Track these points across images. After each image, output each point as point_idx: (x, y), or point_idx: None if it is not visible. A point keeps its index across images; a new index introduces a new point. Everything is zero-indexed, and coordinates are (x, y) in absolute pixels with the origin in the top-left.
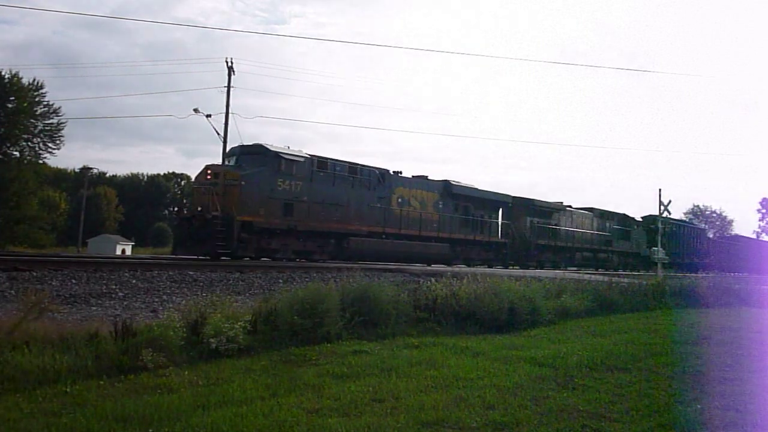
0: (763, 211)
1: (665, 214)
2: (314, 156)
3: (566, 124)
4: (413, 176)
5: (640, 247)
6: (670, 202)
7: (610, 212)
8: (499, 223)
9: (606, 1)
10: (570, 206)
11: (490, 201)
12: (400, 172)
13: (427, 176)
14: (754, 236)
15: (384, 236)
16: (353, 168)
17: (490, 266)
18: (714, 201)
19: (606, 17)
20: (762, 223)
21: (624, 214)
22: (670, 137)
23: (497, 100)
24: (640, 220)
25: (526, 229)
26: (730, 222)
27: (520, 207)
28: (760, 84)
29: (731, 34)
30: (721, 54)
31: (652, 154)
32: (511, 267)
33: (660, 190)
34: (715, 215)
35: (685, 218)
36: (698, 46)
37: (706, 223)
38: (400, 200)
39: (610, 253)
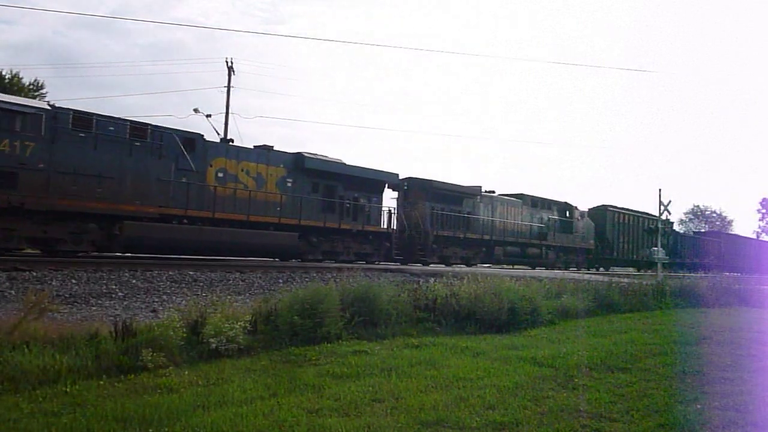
0: (763, 211)
1: (665, 214)
2: (60, 108)
3: (566, 124)
4: (255, 146)
5: (585, 241)
6: (670, 202)
7: (548, 200)
8: (384, 209)
9: (606, 1)
10: (492, 192)
11: (369, 181)
12: (231, 141)
13: (272, 146)
14: (731, 232)
15: (186, 220)
16: (138, 129)
17: (368, 262)
18: (714, 201)
19: (606, 17)
20: (762, 223)
21: (566, 203)
22: (670, 137)
23: (497, 100)
24: (585, 210)
25: (424, 218)
26: (730, 222)
27: (417, 190)
28: (760, 84)
29: (731, 34)
30: (721, 54)
31: (652, 154)
32: (405, 264)
33: (660, 190)
34: (715, 215)
35: (684, 218)
36: (698, 46)
37: (705, 223)
38: (220, 175)
39: (545, 248)
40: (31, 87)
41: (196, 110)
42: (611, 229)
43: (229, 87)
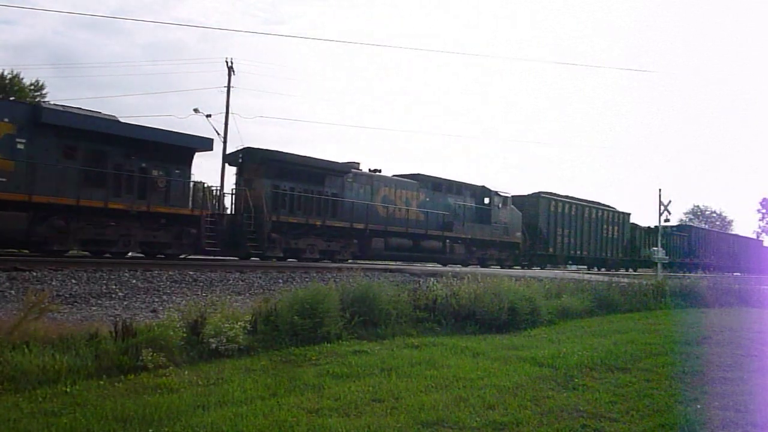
0: (763, 211)
1: (665, 214)
2: None
3: (566, 124)
4: None
5: (509, 233)
6: (670, 202)
7: (456, 183)
8: (192, 185)
9: (606, 1)
10: (378, 170)
11: (166, 147)
12: None
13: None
14: (701, 226)
15: None
16: None
17: (167, 256)
18: (714, 201)
19: (606, 17)
20: (762, 223)
21: (483, 187)
22: (670, 137)
23: (497, 100)
24: (509, 196)
25: (264, 198)
26: (730, 222)
27: (255, 164)
28: (760, 84)
29: (731, 34)
30: (721, 54)
31: (652, 154)
32: (246, 258)
33: (660, 190)
34: (715, 215)
35: (685, 218)
36: (698, 46)
37: (706, 223)
38: None
39: (450, 241)
40: (32, 87)
41: (196, 110)
42: (546, 221)
43: (229, 87)
